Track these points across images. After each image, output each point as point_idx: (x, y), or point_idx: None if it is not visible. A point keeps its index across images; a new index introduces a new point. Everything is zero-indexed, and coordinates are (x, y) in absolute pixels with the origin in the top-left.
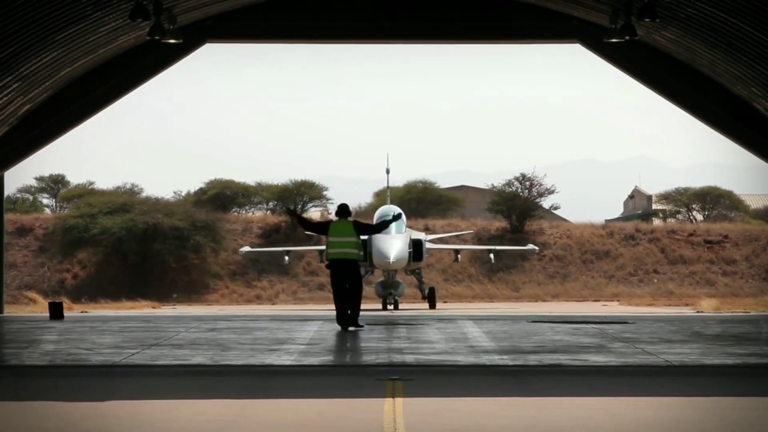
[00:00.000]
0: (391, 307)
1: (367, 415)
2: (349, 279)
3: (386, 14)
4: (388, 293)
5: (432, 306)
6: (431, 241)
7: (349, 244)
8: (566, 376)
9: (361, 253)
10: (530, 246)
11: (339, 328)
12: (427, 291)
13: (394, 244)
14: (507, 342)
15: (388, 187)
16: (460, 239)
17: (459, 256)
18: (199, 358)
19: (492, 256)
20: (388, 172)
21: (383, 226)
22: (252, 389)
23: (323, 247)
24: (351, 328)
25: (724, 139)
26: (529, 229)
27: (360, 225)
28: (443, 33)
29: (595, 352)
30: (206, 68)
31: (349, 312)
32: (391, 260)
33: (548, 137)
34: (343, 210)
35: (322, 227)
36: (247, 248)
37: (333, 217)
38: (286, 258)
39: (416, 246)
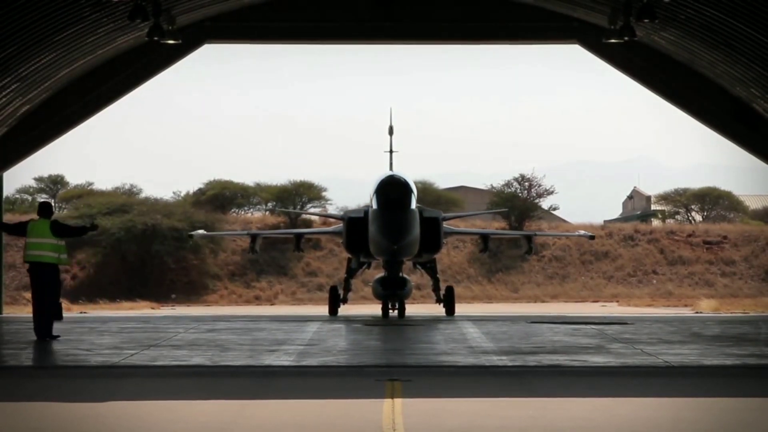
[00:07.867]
0: (395, 312)
1: (366, 415)
2: (44, 284)
3: (386, 14)
4: (391, 293)
5: (450, 312)
6: (449, 222)
7: (45, 246)
8: (565, 376)
9: (62, 256)
10: (582, 231)
11: (339, 328)
12: (443, 291)
13: (400, 224)
14: (506, 343)
15: (390, 150)
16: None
17: (488, 244)
18: (198, 359)
19: (531, 245)
20: (391, 132)
21: (88, 228)
22: (251, 390)
23: (303, 230)
24: (48, 338)
25: (723, 139)
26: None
27: (59, 226)
28: (443, 33)
29: (595, 352)
30: (205, 69)
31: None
32: (398, 244)
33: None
34: (43, 209)
35: (19, 228)
36: (201, 231)
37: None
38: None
39: (431, 228)
